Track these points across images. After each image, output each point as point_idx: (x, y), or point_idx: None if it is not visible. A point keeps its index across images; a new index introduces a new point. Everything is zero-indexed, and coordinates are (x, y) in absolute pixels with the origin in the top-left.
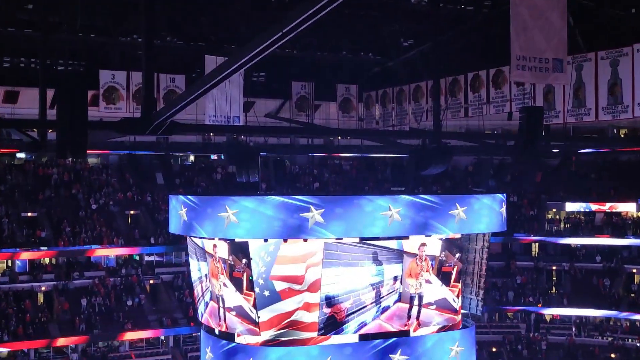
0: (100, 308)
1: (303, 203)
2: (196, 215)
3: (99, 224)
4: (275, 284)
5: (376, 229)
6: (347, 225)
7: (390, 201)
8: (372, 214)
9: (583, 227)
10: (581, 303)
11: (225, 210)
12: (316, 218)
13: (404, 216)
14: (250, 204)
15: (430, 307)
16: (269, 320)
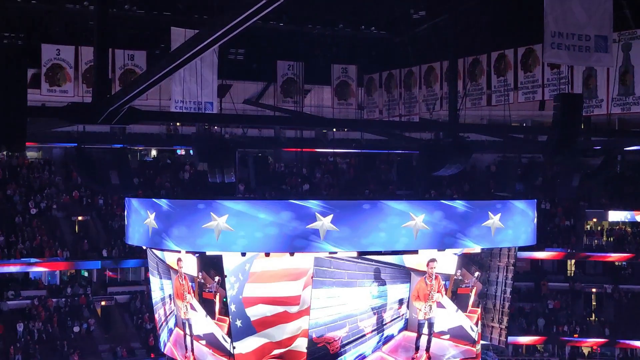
0: (40, 335)
1: (312, 207)
2: (170, 223)
3: (40, 232)
4: (248, 310)
5: (399, 243)
6: (362, 237)
7: (409, 207)
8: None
9: (630, 241)
10: (626, 333)
11: (213, 218)
12: (326, 227)
13: (431, 225)
14: (244, 208)
15: (443, 337)
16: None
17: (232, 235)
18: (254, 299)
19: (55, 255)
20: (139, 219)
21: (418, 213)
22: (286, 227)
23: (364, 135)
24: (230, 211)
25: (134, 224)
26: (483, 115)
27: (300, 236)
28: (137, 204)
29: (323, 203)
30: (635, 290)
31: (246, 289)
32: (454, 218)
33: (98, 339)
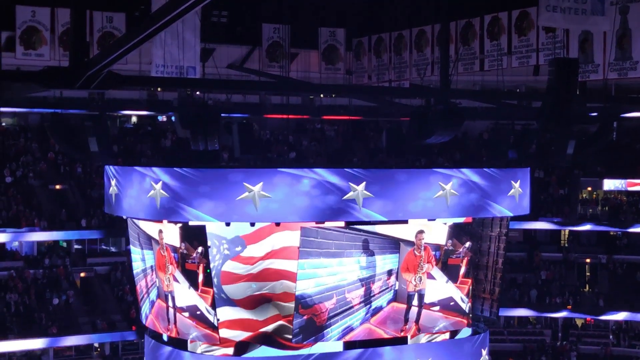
0: (17, 307)
1: (346, 176)
2: (188, 194)
3: (16, 201)
4: (226, 289)
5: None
6: (395, 205)
7: (438, 176)
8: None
9: (625, 211)
10: (621, 304)
11: (245, 187)
12: (361, 196)
13: (460, 194)
14: (282, 178)
15: (432, 309)
16: (229, 322)
17: (268, 205)
18: (237, 276)
19: (33, 225)
20: (139, 188)
21: (447, 181)
22: (321, 197)
23: (352, 101)
24: (265, 180)
25: (132, 194)
26: (475, 81)
27: (338, 205)
28: (137, 173)
29: (360, 171)
30: (630, 261)
31: (228, 265)
32: (484, 186)
33: (77, 312)
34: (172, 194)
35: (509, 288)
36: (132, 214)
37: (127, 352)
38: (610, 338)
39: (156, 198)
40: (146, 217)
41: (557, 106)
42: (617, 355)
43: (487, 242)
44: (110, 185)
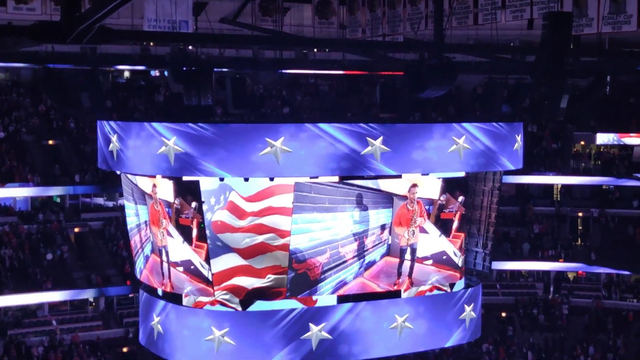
0: (11, 262)
1: (363, 130)
2: (205, 150)
3: (9, 156)
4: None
5: (444, 164)
6: (410, 159)
7: (447, 130)
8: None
9: (618, 165)
10: (613, 258)
11: (267, 143)
12: (378, 151)
13: (472, 149)
14: (304, 132)
15: (425, 263)
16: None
17: (289, 160)
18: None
19: (26, 181)
20: (149, 145)
21: (460, 136)
22: (341, 152)
23: (346, 55)
24: (286, 135)
25: (140, 151)
26: (469, 35)
27: (353, 159)
28: (150, 129)
29: (377, 126)
30: (622, 215)
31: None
32: (495, 140)
33: (72, 266)
34: (187, 150)
35: (501, 242)
36: (139, 170)
37: (122, 306)
38: (602, 291)
39: (169, 154)
40: (157, 173)
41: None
42: (608, 308)
43: (480, 196)
44: (109, 141)
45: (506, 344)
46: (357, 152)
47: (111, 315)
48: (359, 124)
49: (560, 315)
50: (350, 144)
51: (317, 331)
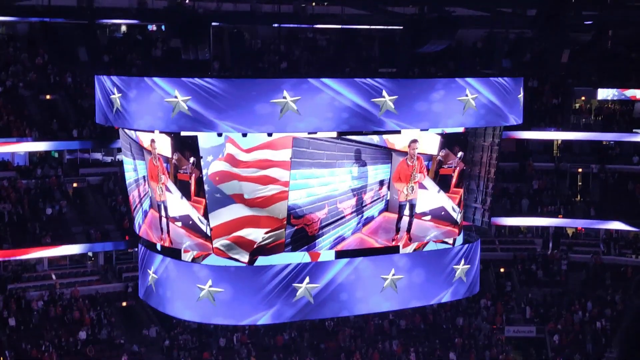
0: (11, 217)
1: (374, 86)
2: (219, 106)
3: (6, 111)
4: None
5: (451, 119)
6: (420, 115)
7: (476, 83)
8: (451, 99)
9: (618, 120)
10: (612, 213)
11: (283, 97)
12: (388, 105)
13: (481, 103)
14: (315, 87)
15: (424, 218)
16: (222, 225)
17: (300, 115)
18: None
19: (24, 135)
20: (156, 101)
21: (469, 90)
22: (352, 107)
23: (344, 9)
24: (298, 90)
25: (146, 106)
26: None
27: (364, 114)
28: (164, 85)
29: (388, 82)
30: (622, 170)
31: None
32: (502, 94)
33: (71, 221)
34: (195, 106)
35: (500, 198)
36: (143, 126)
37: (121, 261)
38: (601, 247)
39: (177, 110)
40: (163, 129)
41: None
42: (607, 263)
43: (479, 152)
44: (109, 97)
45: (504, 300)
46: (368, 106)
47: (110, 270)
48: (371, 79)
49: (558, 271)
50: (359, 100)
51: (305, 287)
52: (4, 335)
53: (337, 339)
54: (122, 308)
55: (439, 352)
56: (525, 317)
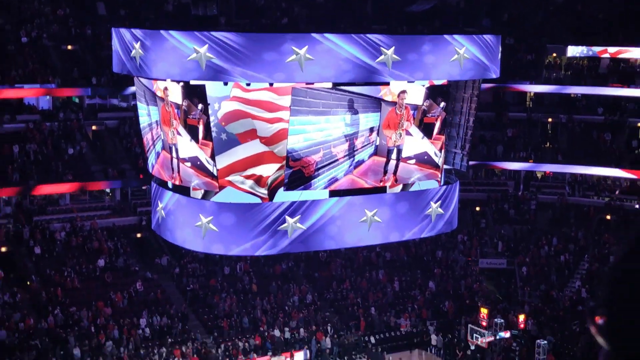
0: (36, 156)
1: (377, 42)
2: (240, 58)
3: (31, 60)
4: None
5: (442, 72)
6: (418, 68)
7: (468, 42)
8: (444, 54)
9: (586, 75)
10: (577, 159)
11: (293, 51)
12: (391, 60)
13: (472, 58)
14: (328, 41)
15: (409, 162)
16: (228, 166)
17: (311, 67)
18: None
19: (47, 82)
20: (178, 52)
21: (460, 47)
22: (357, 60)
23: None
24: (310, 44)
25: (167, 57)
26: None
27: (368, 67)
28: (182, 38)
29: (390, 39)
30: (587, 121)
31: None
32: (486, 50)
33: (90, 161)
34: (218, 58)
35: (478, 144)
36: (163, 75)
37: (135, 197)
38: (566, 189)
39: (201, 61)
40: (186, 78)
41: None
42: (572, 204)
43: (460, 102)
44: (129, 48)
45: (479, 235)
46: (372, 60)
47: (126, 205)
48: (374, 35)
49: (528, 210)
50: (366, 54)
51: (296, 222)
52: (31, 262)
53: (329, 269)
54: (136, 239)
55: (420, 281)
56: (497, 250)
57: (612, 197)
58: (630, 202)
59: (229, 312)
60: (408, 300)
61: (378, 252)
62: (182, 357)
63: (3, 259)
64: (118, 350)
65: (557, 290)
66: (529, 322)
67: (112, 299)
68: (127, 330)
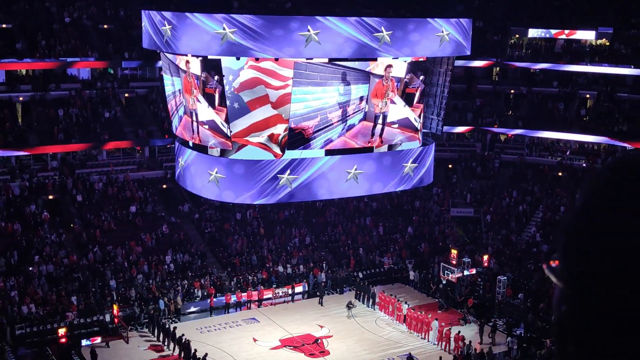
0: (77, 119)
1: (375, 24)
2: (256, 37)
3: (74, 37)
4: (245, 94)
5: (427, 50)
6: (405, 45)
7: (447, 25)
8: (430, 34)
9: (543, 53)
10: (535, 125)
11: (308, 30)
12: (386, 39)
13: (451, 38)
14: (331, 23)
15: (393, 126)
16: (243, 130)
17: (318, 44)
18: (249, 82)
19: (87, 56)
20: (204, 33)
21: (445, 27)
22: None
23: None
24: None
25: (195, 36)
26: None
27: (367, 46)
28: (208, 21)
29: (386, 21)
30: (544, 92)
31: (245, 75)
32: (462, 32)
33: (123, 123)
34: (241, 36)
35: (451, 112)
36: (191, 51)
37: (161, 154)
38: (525, 150)
39: (224, 38)
40: (212, 54)
41: None
42: (529, 163)
43: (436, 76)
44: (159, 28)
45: (451, 188)
46: (369, 39)
47: (153, 160)
48: (372, 18)
49: (492, 168)
50: (365, 33)
51: (293, 177)
52: (74, 208)
53: (324, 216)
54: (162, 189)
55: (400, 226)
56: (466, 201)
57: (563, 157)
58: (578, 162)
59: (240, 251)
60: (390, 242)
61: (366, 202)
62: (200, 288)
63: (50, 205)
64: (147, 282)
65: (515, 235)
66: (492, 261)
67: (142, 239)
68: (155, 266)
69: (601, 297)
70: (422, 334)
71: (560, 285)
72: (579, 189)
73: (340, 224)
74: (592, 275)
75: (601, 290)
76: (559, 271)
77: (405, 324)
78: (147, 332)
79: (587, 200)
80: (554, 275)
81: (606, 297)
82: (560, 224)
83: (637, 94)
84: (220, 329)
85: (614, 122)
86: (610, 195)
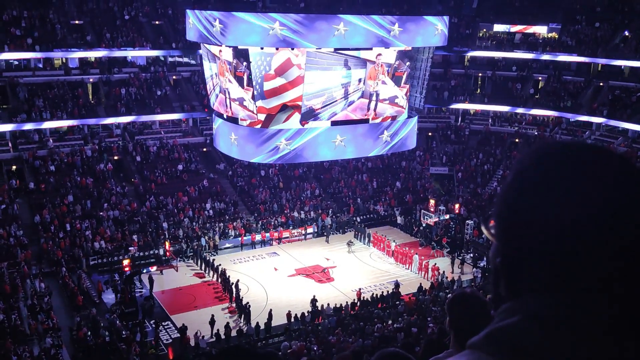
0: (136, 96)
1: (386, 22)
2: (300, 29)
3: (132, 31)
4: (265, 84)
5: (426, 41)
6: (408, 37)
7: (439, 21)
8: (431, 29)
9: (505, 44)
10: (497, 101)
11: (339, 25)
12: (396, 32)
13: (442, 32)
14: (357, 20)
15: (384, 102)
16: (264, 107)
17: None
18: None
19: (142, 46)
20: (259, 28)
21: (437, 22)
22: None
23: None
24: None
25: (247, 30)
26: None
27: (380, 37)
28: (263, 20)
29: (395, 18)
30: (505, 75)
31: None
32: (446, 26)
33: (172, 100)
34: (288, 31)
35: (431, 90)
36: (239, 43)
37: (202, 124)
38: (489, 121)
39: (276, 33)
40: (263, 45)
41: None
42: (493, 131)
43: (420, 62)
44: (209, 24)
45: (430, 151)
46: (383, 33)
47: (195, 129)
48: (385, 15)
49: (463, 135)
50: (379, 28)
51: (284, 144)
52: (134, 166)
53: (330, 172)
54: (203, 152)
55: (390, 181)
56: (442, 162)
57: (519, 127)
58: (531, 131)
59: (264, 200)
60: (382, 193)
61: (362, 162)
62: (233, 229)
63: (115, 164)
64: (192, 224)
65: (481, 188)
66: (462, 209)
67: (187, 191)
68: (198, 211)
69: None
70: (406, 265)
71: (494, 242)
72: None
73: (343, 179)
74: (518, 234)
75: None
76: (494, 230)
77: (393, 257)
78: (192, 262)
79: (515, 176)
80: (490, 234)
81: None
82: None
83: (579, 76)
84: (249, 261)
85: (560, 99)
86: (534, 172)
